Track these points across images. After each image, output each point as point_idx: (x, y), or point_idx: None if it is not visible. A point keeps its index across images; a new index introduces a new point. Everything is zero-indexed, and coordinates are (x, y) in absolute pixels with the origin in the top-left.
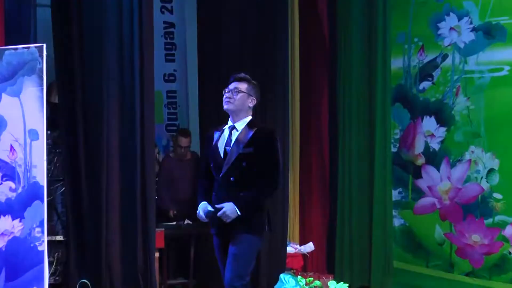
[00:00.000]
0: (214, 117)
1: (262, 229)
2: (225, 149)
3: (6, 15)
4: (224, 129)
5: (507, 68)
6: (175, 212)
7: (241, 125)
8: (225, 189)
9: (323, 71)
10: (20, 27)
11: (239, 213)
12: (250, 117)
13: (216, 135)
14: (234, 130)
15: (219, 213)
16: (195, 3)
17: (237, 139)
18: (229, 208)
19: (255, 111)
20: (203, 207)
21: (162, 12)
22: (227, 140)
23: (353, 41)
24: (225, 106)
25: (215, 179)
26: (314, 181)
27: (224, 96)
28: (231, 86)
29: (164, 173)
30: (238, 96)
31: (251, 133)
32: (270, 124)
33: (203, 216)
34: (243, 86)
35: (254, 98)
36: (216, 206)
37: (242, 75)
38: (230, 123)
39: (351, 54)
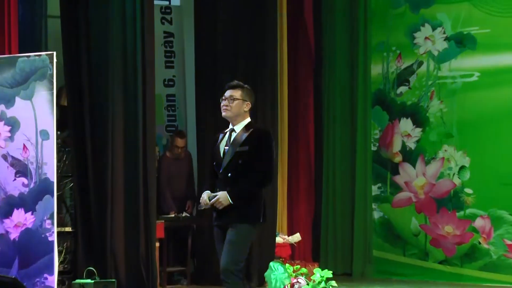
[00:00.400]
0: (210, 118)
1: (257, 219)
2: (224, 149)
3: (20, 26)
4: (226, 131)
5: (477, 74)
6: (176, 213)
7: (239, 127)
8: (224, 184)
9: (309, 76)
10: (33, 37)
11: (230, 201)
12: (248, 120)
13: (220, 136)
14: (233, 132)
15: (212, 200)
16: (192, 14)
17: (234, 140)
18: (222, 196)
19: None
20: (206, 194)
21: (162, 23)
22: (227, 141)
23: (336, 48)
24: (223, 114)
25: (217, 175)
26: (301, 177)
27: (222, 104)
28: (227, 94)
29: (163, 171)
30: (234, 103)
31: (246, 134)
32: (260, 124)
33: (206, 198)
34: (237, 93)
35: (249, 103)
36: (212, 194)
37: (236, 82)
38: (230, 126)
39: (335, 61)
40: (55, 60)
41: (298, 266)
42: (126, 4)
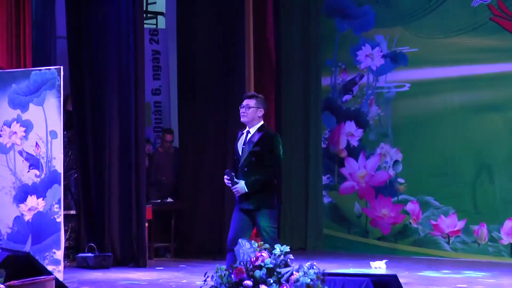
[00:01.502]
0: (189, 121)
1: (272, 205)
2: (242, 148)
3: (33, 45)
4: (243, 132)
5: (408, 85)
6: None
7: (253, 129)
8: (241, 175)
9: (272, 87)
10: (44, 53)
11: (246, 190)
12: (261, 123)
13: (239, 135)
14: (249, 133)
15: (232, 188)
16: (175, 36)
17: (249, 140)
18: (240, 186)
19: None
20: (229, 171)
21: (151, 43)
22: (244, 140)
23: (294, 65)
24: (241, 119)
25: (237, 167)
26: None
27: (240, 112)
28: (244, 103)
29: (159, 163)
30: (250, 111)
31: (258, 136)
32: (230, 125)
33: (226, 176)
34: (252, 102)
35: (262, 109)
36: (235, 180)
37: (251, 93)
38: (247, 128)
39: (292, 74)
40: (62, 73)
41: (262, 243)
42: (121, 27)
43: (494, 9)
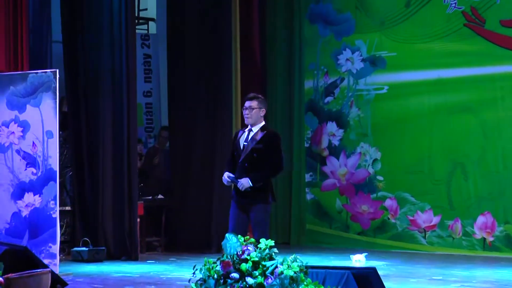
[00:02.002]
0: (179, 122)
1: (267, 200)
2: (244, 144)
3: (30, 49)
4: (245, 130)
5: (386, 87)
6: (157, 160)
7: (256, 128)
8: (242, 171)
9: (257, 89)
10: (40, 57)
11: (251, 184)
12: (263, 123)
13: (240, 133)
14: (251, 131)
15: (238, 184)
16: (166, 41)
17: (252, 138)
18: (245, 181)
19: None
20: (227, 174)
21: (142, 47)
22: (246, 137)
23: (278, 67)
24: (246, 122)
25: (236, 163)
26: None
27: (244, 114)
28: (246, 104)
29: (155, 159)
30: (253, 112)
31: (261, 134)
32: (218, 125)
33: (227, 178)
34: (254, 103)
35: (264, 109)
36: (237, 179)
37: (252, 95)
38: (249, 126)
39: (277, 77)
40: (58, 76)
41: (248, 237)
42: (114, 32)
43: (467, 15)
